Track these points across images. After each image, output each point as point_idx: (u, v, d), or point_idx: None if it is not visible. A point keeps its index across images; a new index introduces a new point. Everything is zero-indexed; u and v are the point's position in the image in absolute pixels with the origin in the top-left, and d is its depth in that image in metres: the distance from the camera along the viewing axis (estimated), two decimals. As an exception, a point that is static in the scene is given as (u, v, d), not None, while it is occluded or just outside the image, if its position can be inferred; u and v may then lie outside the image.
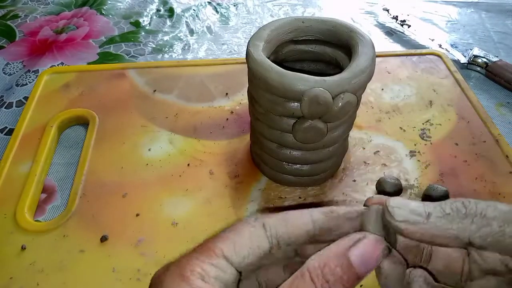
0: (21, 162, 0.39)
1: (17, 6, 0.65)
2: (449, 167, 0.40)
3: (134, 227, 0.35)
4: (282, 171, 0.36)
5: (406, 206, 0.18)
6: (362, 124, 0.44)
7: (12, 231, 0.34)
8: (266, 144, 0.35)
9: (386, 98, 0.47)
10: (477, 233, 0.17)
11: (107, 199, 0.37)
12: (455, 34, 0.61)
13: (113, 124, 0.43)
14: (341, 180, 0.39)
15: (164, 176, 0.39)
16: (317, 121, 0.30)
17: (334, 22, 0.34)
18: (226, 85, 0.48)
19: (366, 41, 0.32)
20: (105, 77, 0.48)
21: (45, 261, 0.32)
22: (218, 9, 0.66)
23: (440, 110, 0.46)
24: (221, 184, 0.38)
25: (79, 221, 0.35)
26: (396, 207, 0.18)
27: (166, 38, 0.59)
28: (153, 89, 0.47)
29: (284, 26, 0.34)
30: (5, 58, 0.54)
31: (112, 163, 0.39)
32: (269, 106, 0.31)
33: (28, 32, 0.59)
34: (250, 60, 0.31)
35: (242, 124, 0.43)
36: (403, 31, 0.61)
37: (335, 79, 0.29)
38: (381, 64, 0.51)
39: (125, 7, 0.65)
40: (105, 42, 0.58)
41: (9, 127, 0.45)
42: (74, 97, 0.46)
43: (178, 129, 0.43)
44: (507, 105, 0.49)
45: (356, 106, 0.32)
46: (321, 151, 0.34)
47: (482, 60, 0.53)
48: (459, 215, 0.17)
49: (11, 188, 0.37)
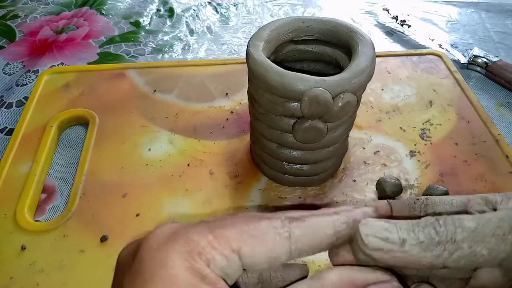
0: (21, 162, 0.39)
1: (17, 6, 0.65)
2: (449, 167, 0.40)
3: (134, 227, 0.35)
4: (282, 171, 0.36)
5: (380, 232, 0.17)
6: (362, 124, 0.44)
7: (12, 231, 0.34)
8: (266, 144, 0.35)
9: (386, 98, 0.47)
10: (450, 259, 0.17)
11: (107, 199, 0.37)
12: (455, 34, 0.61)
13: (113, 124, 0.43)
14: (341, 180, 0.39)
15: (164, 176, 0.39)
16: (317, 121, 0.30)
17: (334, 22, 0.34)
18: (226, 85, 0.48)
19: (366, 41, 0.32)
20: (105, 77, 0.49)
21: (45, 261, 0.32)
22: (218, 9, 0.66)
23: (440, 110, 0.46)
24: (221, 184, 0.38)
25: (79, 221, 0.35)
26: (370, 234, 0.17)
27: (166, 38, 0.59)
28: (153, 89, 0.47)
29: (284, 26, 0.34)
30: (5, 58, 0.54)
31: (112, 163, 0.39)
32: (269, 106, 0.31)
33: (28, 32, 0.59)
34: (250, 60, 0.31)
35: (242, 124, 0.43)
36: (403, 31, 0.61)
37: (335, 79, 0.29)
38: (381, 64, 0.51)
39: (125, 7, 0.65)
40: (105, 42, 0.58)
41: (9, 127, 0.45)
42: (74, 97, 0.46)
43: (178, 129, 0.43)
44: (507, 105, 0.49)
45: (356, 106, 0.32)
46: (321, 151, 0.34)
47: (482, 60, 0.53)
48: (433, 243, 0.17)
49: (11, 188, 0.37)
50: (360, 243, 0.17)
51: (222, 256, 0.16)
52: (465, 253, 0.17)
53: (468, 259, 0.17)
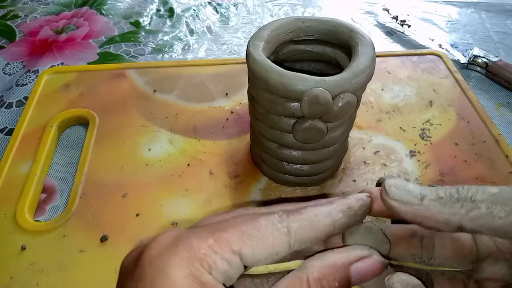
0: (21, 162, 0.39)
1: (17, 6, 0.65)
2: (449, 167, 0.40)
3: (134, 227, 0.35)
4: (282, 171, 0.36)
5: (403, 186, 0.18)
6: (362, 124, 0.44)
7: (12, 231, 0.34)
8: (266, 144, 0.35)
9: (386, 98, 0.47)
10: (466, 217, 0.17)
11: (107, 199, 0.37)
12: (455, 34, 0.61)
13: (113, 124, 0.43)
14: (341, 180, 0.39)
15: (164, 176, 0.39)
16: (317, 121, 0.30)
17: (334, 22, 0.34)
18: (226, 85, 0.48)
19: (366, 41, 0.32)
20: (105, 77, 0.49)
21: (45, 261, 0.32)
22: (218, 9, 0.66)
23: (440, 110, 0.46)
24: (221, 184, 0.38)
25: (79, 221, 0.35)
26: (394, 186, 0.18)
27: (166, 38, 0.59)
28: (153, 89, 0.47)
29: (284, 26, 0.34)
30: (5, 58, 0.54)
31: (112, 163, 0.39)
32: (269, 106, 0.31)
33: (28, 32, 0.59)
34: (250, 60, 0.31)
35: (242, 124, 0.43)
36: (403, 31, 0.61)
37: (335, 79, 0.29)
38: (381, 64, 0.51)
39: (125, 7, 0.65)
40: (105, 42, 0.58)
41: (9, 127, 0.45)
42: (74, 97, 0.46)
43: (178, 129, 0.43)
44: (507, 105, 0.49)
45: (356, 106, 0.32)
46: (321, 151, 0.34)
47: (482, 60, 0.53)
48: (451, 200, 0.17)
49: (11, 188, 0.37)
50: (384, 193, 0.18)
51: (223, 260, 0.16)
52: (482, 213, 0.17)
53: (485, 220, 0.17)
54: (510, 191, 0.17)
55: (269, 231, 0.17)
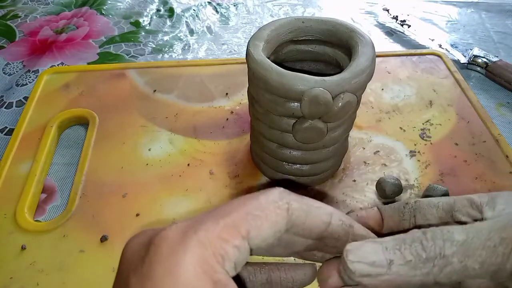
0: (21, 162, 0.39)
1: (17, 6, 0.65)
2: (449, 167, 0.40)
3: (134, 227, 0.35)
4: (282, 171, 0.36)
5: (366, 257, 0.17)
6: (362, 124, 0.44)
7: (12, 231, 0.34)
8: (266, 144, 0.35)
9: (386, 98, 0.47)
10: (440, 274, 0.17)
11: (107, 199, 0.37)
12: (455, 34, 0.61)
13: (113, 124, 0.43)
14: (341, 180, 0.39)
15: (164, 176, 0.39)
16: (317, 121, 0.30)
17: (334, 22, 0.34)
18: (226, 85, 0.48)
19: (366, 41, 0.32)
20: (105, 77, 0.48)
21: (45, 261, 0.32)
22: (218, 9, 0.66)
23: (440, 110, 0.46)
24: (221, 184, 0.38)
25: (79, 221, 0.35)
26: (356, 261, 0.17)
27: (166, 38, 0.59)
28: (153, 89, 0.47)
29: (284, 26, 0.34)
30: (5, 58, 0.54)
31: (112, 163, 0.39)
32: (269, 106, 0.31)
33: (28, 32, 0.59)
34: (250, 60, 0.31)
35: (242, 124, 0.43)
36: (403, 31, 0.61)
37: (335, 79, 0.29)
38: (381, 64, 0.51)
39: (125, 7, 0.65)
40: (105, 42, 0.58)
41: (9, 127, 0.45)
42: (74, 97, 0.46)
43: (178, 129, 0.43)
44: (507, 105, 0.49)
45: (356, 106, 0.32)
46: (321, 151, 0.34)
47: (482, 60, 0.53)
48: (421, 260, 0.17)
49: (11, 188, 0.37)
50: (348, 271, 0.17)
51: (234, 248, 0.16)
52: (456, 268, 0.17)
53: (459, 273, 0.17)
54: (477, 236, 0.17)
55: (271, 209, 0.17)
